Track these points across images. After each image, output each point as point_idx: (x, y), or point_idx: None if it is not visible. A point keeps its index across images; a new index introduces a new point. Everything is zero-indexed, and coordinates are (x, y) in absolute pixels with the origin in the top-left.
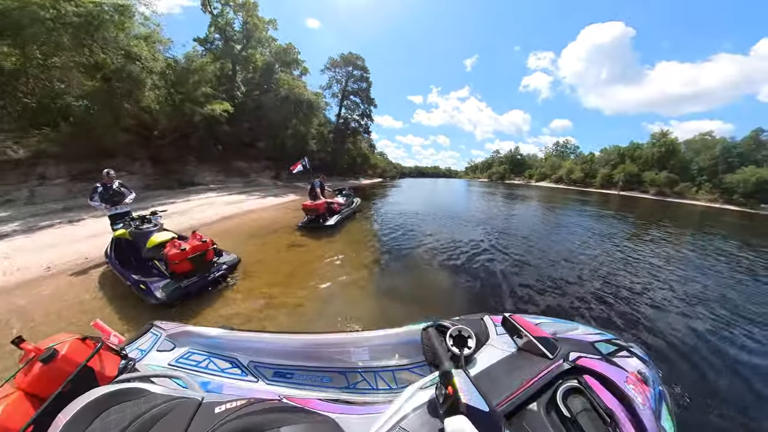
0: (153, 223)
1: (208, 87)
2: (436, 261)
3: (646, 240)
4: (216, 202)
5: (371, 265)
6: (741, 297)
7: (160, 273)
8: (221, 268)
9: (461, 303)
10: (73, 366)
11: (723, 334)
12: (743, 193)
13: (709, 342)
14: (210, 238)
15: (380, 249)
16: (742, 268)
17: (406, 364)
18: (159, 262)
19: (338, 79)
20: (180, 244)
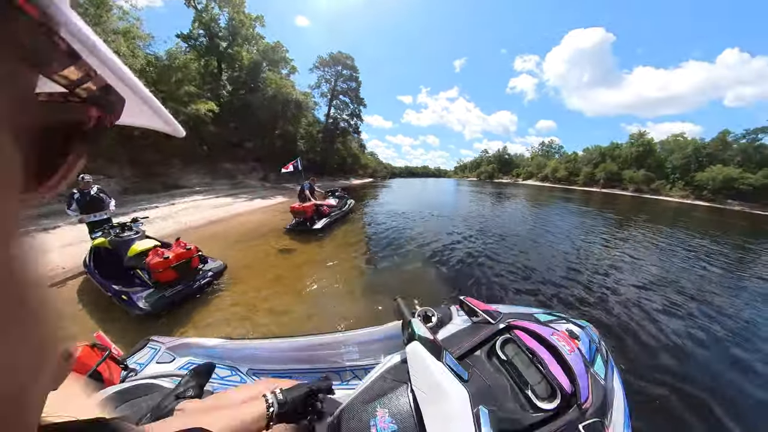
0: (134, 230)
1: (191, 86)
2: (424, 260)
3: (624, 235)
4: (202, 206)
5: (360, 267)
6: (694, 281)
7: (143, 282)
8: (207, 276)
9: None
10: (84, 369)
11: (673, 310)
12: (712, 189)
13: (657, 314)
14: (194, 245)
15: (370, 251)
16: (702, 257)
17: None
18: (141, 272)
19: (327, 79)
20: (163, 253)
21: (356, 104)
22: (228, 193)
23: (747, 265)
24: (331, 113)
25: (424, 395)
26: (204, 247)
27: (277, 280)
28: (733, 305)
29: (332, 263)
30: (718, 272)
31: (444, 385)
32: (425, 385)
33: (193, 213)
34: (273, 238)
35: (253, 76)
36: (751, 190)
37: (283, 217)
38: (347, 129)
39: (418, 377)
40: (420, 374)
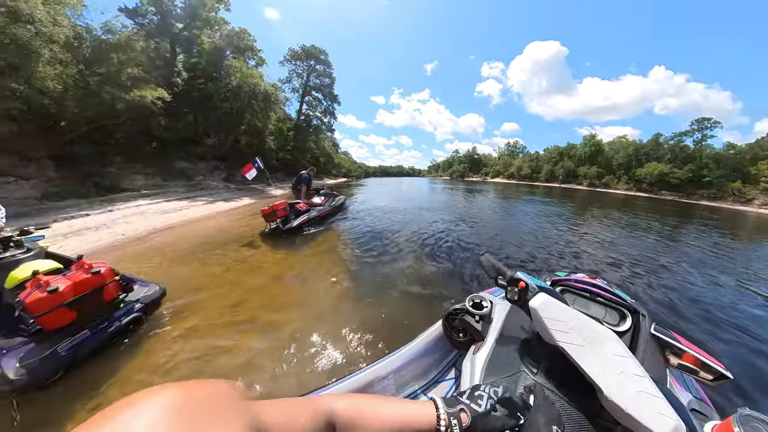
0: (25, 248)
1: (136, 69)
2: (418, 256)
3: (582, 219)
4: (148, 212)
5: (343, 281)
6: (636, 246)
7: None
8: (134, 309)
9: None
10: None
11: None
12: (649, 182)
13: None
14: (108, 267)
15: (354, 257)
16: (641, 231)
17: (434, 377)
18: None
19: (299, 73)
20: (49, 283)
21: (330, 101)
22: (183, 196)
23: (671, 236)
24: (303, 110)
25: (581, 347)
26: (144, 264)
27: (239, 307)
28: (662, 258)
29: (308, 278)
30: (651, 240)
31: (598, 328)
32: (579, 335)
33: (136, 221)
34: (235, 247)
35: (214, 64)
36: (678, 183)
37: (248, 221)
38: (320, 127)
39: (565, 329)
40: (567, 325)
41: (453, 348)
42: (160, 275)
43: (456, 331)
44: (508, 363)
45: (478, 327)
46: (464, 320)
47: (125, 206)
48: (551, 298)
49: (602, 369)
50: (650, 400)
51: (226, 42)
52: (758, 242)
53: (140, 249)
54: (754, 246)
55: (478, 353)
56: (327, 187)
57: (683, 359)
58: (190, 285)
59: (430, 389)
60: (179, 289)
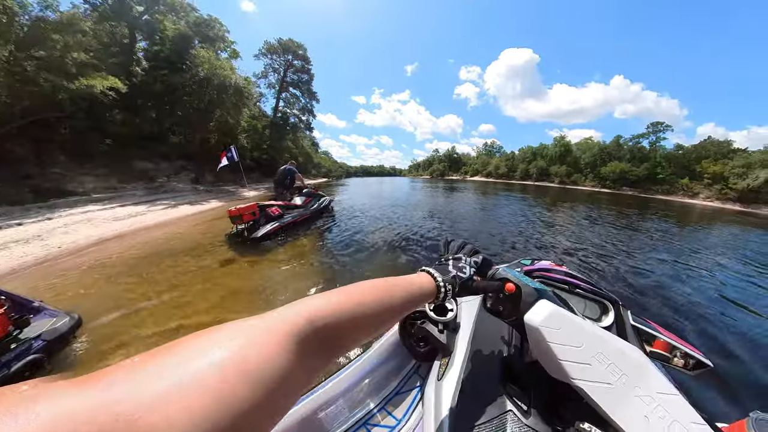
0: None
1: (84, 54)
2: (396, 251)
3: (554, 211)
4: (97, 219)
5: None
6: (600, 233)
7: None
8: (31, 348)
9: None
10: None
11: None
12: (612, 180)
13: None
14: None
15: (330, 266)
16: (605, 221)
17: (394, 389)
18: None
19: (276, 68)
20: None
21: (308, 98)
22: (142, 199)
23: (630, 225)
24: (279, 107)
25: (610, 388)
26: (71, 284)
27: (182, 332)
28: (623, 243)
29: (280, 287)
30: (614, 229)
31: (632, 354)
32: (605, 367)
33: (79, 230)
34: (190, 257)
35: (179, 53)
36: (636, 179)
37: (211, 227)
38: (298, 125)
39: (584, 358)
40: (586, 352)
41: (414, 358)
42: (88, 298)
43: (415, 340)
44: (487, 396)
45: (442, 339)
46: (423, 329)
47: (69, 213)
48: (559, 309)
49: (644, 419)
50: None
51: (193, 30)
52: (698, 228)
53: (75, 264)
54: (696, 231)
55: (444, 379)
56: (312, 187)
57: (655, 345)
58: (124, 307)
59: (390, 404)
60: (108, 312)
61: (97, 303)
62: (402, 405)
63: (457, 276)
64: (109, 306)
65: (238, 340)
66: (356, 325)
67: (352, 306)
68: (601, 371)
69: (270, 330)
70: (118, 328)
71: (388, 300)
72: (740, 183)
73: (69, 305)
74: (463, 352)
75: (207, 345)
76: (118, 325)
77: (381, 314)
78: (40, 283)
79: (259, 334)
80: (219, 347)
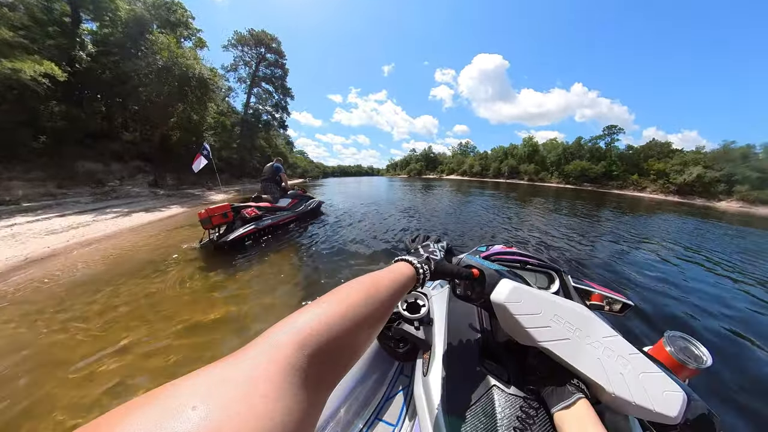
0: None
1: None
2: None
3: (523, 205)
4: (26, 233)
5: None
6: (564, 223)
7: None
8: None
9: None
10: None
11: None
12: (574, 176)
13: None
14: None
15: (312, 281)
16: (567, 212)
17: (384, 394)
18: None
19: (246, 61)
20: None
21: (282, 95)
22: (88, 207)
23: (589, 215)
24: (251, 103)
25: (568, 342)
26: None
27: (118, 395)
28: (584, 230)
29: (250, 315)
30: (577, 220)
31: (579, 309)
32: (562, 326)
33: (1, 249)
34: (136, 283)
35: (133, 38)
36: (595, 176)
37: (170, 237)
38: (271, 122)
39: (545, 322)
40: (546, 316)
41: (396, 360)
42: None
43: (394, 342)
44: (472, 379)
45: (420, 335)
46: (400, 330)
47: None
48: (519, 285)
49: (597, 361)
50: (653, 379)
51: (152, 12)
52: (643, 216)
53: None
54: (642, 218)
55: (430, 374)
56: (298, 187)
57: (592, 299)
58: (33, 364)
59: (382, 411)
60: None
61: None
62: (394, 408)
63: (430, 258)
64: (18, 361)
65: (205, 407)
66: (352, 332)
67: (344, 311)
68: (560, 330)
69: (250, 380)
70: (21, 400)
71: (376, 295)
72: (678, 178)
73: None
74: (442, 343)
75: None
76: (23, 396)
77: (373, 312)
78: None
79: (236, 393)
80: (178, 421)
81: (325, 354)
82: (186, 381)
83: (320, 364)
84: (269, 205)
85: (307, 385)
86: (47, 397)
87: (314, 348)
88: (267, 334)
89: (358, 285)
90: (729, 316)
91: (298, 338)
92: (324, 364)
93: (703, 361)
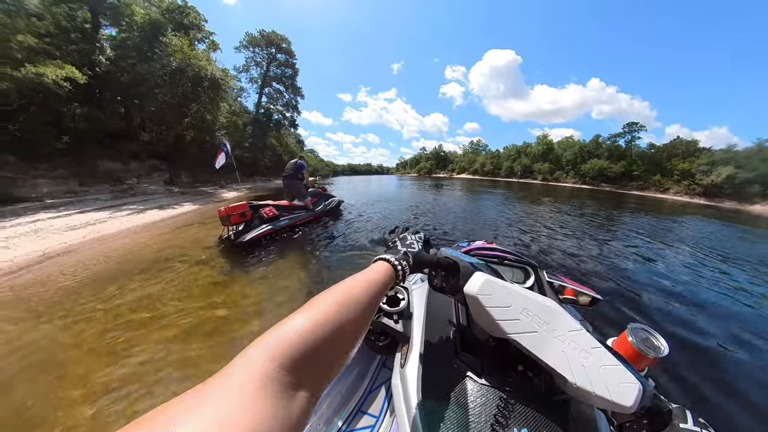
0: None
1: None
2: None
3: (539, 204)
4: (47, 229)
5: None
6: (578, 226)
7: None
8: None
9: None
10: None
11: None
12: (591, 176)
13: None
14: None
15: (323, 276)
16: (585, 214)
17: (366, 388)
18: None
19: (258, 62)
20: None
21: (292, 94)
22: (106, 204)
23: (608, 217)
24: (262, 102)
25: (536, 334)
26: None
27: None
28: (601, 233)
29: (249, 320)
30: (595, 222)
31: (548, 303)
32: (531, 319)
33: (20, 244)
34: (138, 283)
35: (149, 41)
36: (614, 176)
37: (177, 235)
38: (282, 121)
39: (515, 315)
40: (516, 309)
41: (376, 353)
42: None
43: (375, 335)
44: (447, 370)
45: (399, 328)
46: (380, 323)
47: (15, 222)
48: (491, 278)
49: (562, 353)
50: (612, 372)
51: (165, 16)
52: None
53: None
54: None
55: (407, 366)
56: (318, 185)
57: (565, 293)
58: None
59: (365, 404)
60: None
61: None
62: (377, 401)
63: (408, 252)
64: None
65: (185, 427)
66: (328, 340)
67: (316, 321)
68: (528, 323)
69: (229, 396)
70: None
71: (349, 301)
72: (705, 179)
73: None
74: (420, 336)
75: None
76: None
77: (350, 317)
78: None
79: (215, 409)
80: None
81: (299, 363)
82: (171, 405)
83: (296, 374)
84: (287, 204)
85: (285, 393)
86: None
87: (286, 359)
88: (243, 353)
89: (331, 295)
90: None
91: (269, 352)
92: (300, 372)
93: (661, 351)
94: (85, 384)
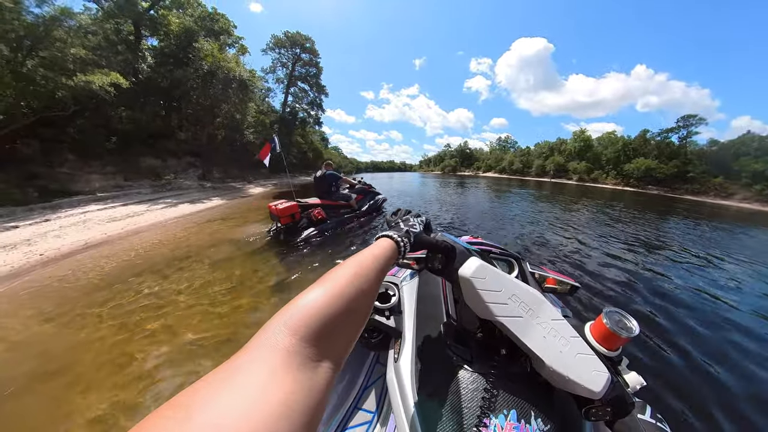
0: None
1: (83, 50)
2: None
3: (579, 206)
4: (93, 220)
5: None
6: (620, 236)
7: None
8: None
9: None
10: None
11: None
12: (636, 177)
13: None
14: None
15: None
16: (627, 222)
17: (362, 384)
18: None
19: (284, 62)
20: None
21: (317, 92)
22: (146, 198)
23: (656, 227)
24: (288, 101)
25: (520, 319)
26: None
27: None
28: (650, 246)
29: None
30: (641, 231)
31: (533, 291)
32: (518, 305)
33: (70, 234)
34: (157, 280)
35: (184, 48)
36: (664, 178)
37: (202, 230)
38: (307, 120)
39: (503, 299)
40: (505, 294)
41: (370, 350)
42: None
43: (368, 332)
44: (439, 361)
45: (391, 323)
46: (372, 320)
47: (70, 213)
48: (485, 263)
49: (543, 339)
50: (586, 360)
51: (199, 24)
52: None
53: (34, 281)
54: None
55: (400, 360)
56: (361, 182)
57: (547, 283)
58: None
59: (362, 400)
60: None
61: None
62: (372, 397)
63: (409, 231)
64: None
65: (216, 405)
66: (345, 309)
67: (333, 293)
68: (515, 308)
69: (252, 372)
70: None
71: (362, 273)
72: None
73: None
74: (411, 330)
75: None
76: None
77: (362, 288)
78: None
79: (242, 386)
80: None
81: (319, 335)
82: (201, 385)
83: (317, 345)
84: (333, 203)
85: (309, 365)
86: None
87: (307, 332)
88: (264, 328)
89: (343, 270)
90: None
91: (290, 326)
92: (321, 344)
93: (633, 331)
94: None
